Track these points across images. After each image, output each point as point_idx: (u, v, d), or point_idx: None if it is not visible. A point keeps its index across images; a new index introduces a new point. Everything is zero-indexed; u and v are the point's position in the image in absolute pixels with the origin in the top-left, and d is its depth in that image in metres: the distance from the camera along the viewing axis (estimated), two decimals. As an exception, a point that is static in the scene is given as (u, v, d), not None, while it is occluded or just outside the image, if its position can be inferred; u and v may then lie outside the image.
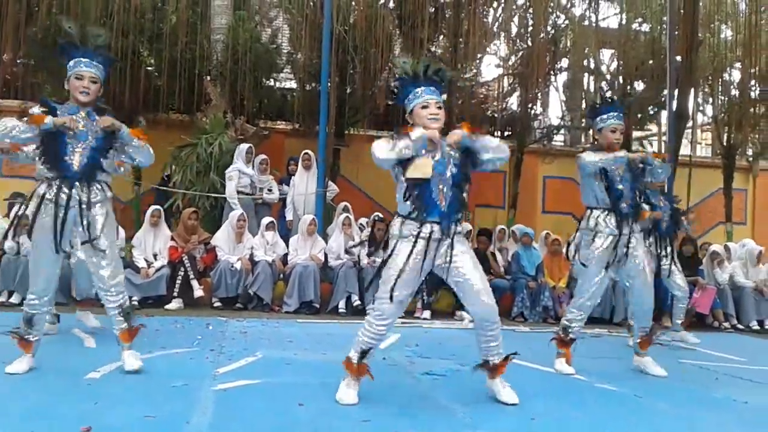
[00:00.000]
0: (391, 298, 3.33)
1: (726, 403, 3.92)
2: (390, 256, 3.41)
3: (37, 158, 3.76)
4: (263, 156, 8.82)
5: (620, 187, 4.47)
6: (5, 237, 6.59)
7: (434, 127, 3.38)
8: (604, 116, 4.55)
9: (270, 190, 8.85)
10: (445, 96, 3.51)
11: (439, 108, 3.42)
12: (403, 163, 3.34)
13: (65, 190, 3.66)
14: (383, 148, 3.30)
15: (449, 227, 3.36)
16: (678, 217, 6.48)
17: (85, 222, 3.68)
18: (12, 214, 6.81)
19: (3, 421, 2.75)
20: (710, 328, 8.00)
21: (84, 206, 3.68)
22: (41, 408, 3.02)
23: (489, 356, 3.53)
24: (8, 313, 5.48)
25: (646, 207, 5.00)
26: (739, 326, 8.22)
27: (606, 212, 4.51)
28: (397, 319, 3.49)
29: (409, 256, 3.33)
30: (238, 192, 8.43)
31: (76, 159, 3.69)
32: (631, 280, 4.59)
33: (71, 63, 3.78)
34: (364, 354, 3.42)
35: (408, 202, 3.37)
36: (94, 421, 2.75)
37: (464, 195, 3.44)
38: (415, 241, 3.34)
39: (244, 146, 8.71)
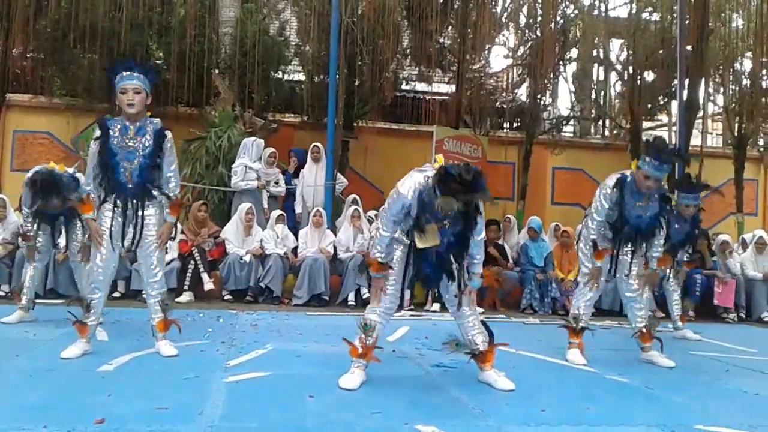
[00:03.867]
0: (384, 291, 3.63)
1: (737, 394, 3.92)
2: None
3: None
4: (271, 149, 8.82)
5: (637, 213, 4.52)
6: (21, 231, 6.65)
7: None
8: (646, 160, 4.31)
9: (277, 183, 8.86)
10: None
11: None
12: (412, 226, 3.55)
13: (121, 202, 4.07)
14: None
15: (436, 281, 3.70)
16: (693, 242, 6.48)
17: (138, 228, 4.10)
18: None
19: (17, 414, 2.78)
20: (720, 320, 7.97)
21: (138, 215, 4.09)
22: (55, 400, 3.05)
23: (473, 346, 3.71)
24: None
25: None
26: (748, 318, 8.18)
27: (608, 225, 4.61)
28: (394, 311, 3.75)
29: (397, 258, 3.63)
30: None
31: (129, 177, 4.07)
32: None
33: (116, 80, 4.05)
34: (365, 328, 3.60)
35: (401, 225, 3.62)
36: (108, 412, 2.78)
37: (455, 262, 3.64)
38: (403, 248, 3.64)
39: (249, 140, 8.70)
